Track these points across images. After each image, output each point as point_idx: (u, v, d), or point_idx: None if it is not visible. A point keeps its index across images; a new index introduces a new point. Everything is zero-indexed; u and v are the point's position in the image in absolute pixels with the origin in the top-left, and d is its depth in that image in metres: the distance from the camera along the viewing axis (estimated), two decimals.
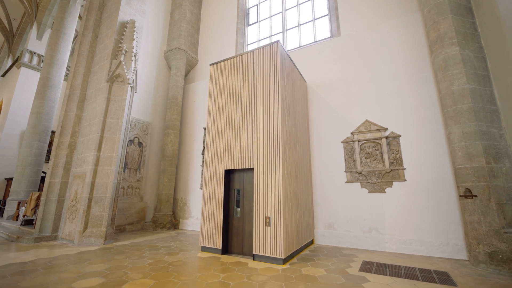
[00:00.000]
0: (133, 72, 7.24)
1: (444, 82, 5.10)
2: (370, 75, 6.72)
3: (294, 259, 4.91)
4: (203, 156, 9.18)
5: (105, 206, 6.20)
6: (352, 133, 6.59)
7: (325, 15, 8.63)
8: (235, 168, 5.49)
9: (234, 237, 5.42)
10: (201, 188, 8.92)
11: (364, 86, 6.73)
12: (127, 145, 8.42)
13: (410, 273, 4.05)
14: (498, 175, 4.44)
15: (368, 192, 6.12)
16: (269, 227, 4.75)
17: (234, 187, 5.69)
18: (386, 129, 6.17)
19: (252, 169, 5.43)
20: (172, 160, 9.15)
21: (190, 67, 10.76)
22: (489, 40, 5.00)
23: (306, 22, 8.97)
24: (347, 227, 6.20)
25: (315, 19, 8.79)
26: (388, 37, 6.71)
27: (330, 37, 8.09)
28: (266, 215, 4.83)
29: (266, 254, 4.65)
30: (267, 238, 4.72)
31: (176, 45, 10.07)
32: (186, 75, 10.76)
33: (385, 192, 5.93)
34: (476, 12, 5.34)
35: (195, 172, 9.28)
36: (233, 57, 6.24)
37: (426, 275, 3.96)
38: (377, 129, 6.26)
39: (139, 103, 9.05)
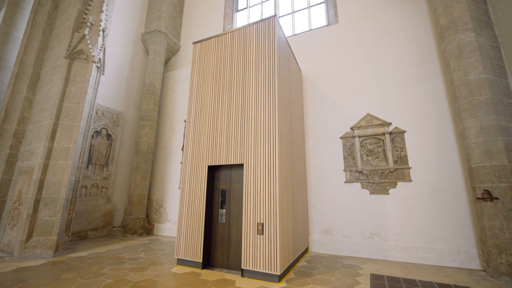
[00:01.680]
0: (100, 50, 6.08)
1: (459, 71, 4.58)
2: (372, 66, 6.13)
3: (291, 274, 4.11)
4: (183, 152, 8.13)
5: (58, 209, 5.01)
6: (352, 128, 5.95)
7: (321, 3, 8.00)
8: (221, 164, 4.59)
9: (217, 247, 4.51)
10: (179, 188, 7.87)
11: (366, 77, 6.12)
12: (92, 137, 7.18)
13: None
14: None
15: (370, 194, 5.49)
16: (262, 235, 3.91)
17: (219, 186, 4.79)
18: (390, 124, 5.59)
19: (241, 165, 4.57)
20: (147, 156, 8.01)
21: (171, 53, 9.67)
22: (505, 28, 4.56)
23: (300, 9, 8.28)
24: (346, 232, 5.53)
25: (310, 6, 8.14)
26: (391, 25, 6.17)
27: (326, 25, 7.46)
28: (259, 221, 3.98)
29: (258, 270, 3.80)
30: (260, 249, 3.87)
31: (155, 27, 8.95)
32: (166, 62, 9.64)
33: (389, 193, 5.33)
34: (489, 1, 4.90)
35: (174, 170, 8.21)
36: (221, 34, 5.34)
37: None
38: (380, 124, 5.67)
39: (109, 89, 7.83)
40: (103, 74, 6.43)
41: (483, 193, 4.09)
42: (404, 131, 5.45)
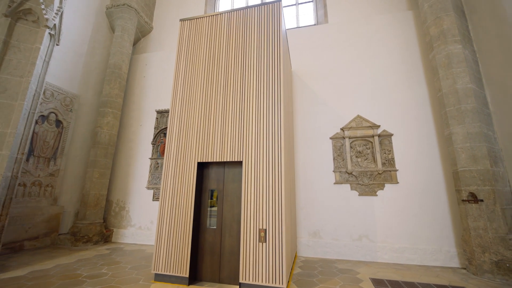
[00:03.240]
0: (56, 13, 4.84)
1: (447, 79, 4.83)
2: (362, 68, 6.18)
3: (292, 284, 3.73)
4: (154, 147, 7.14)
5: None
6: (342, 129, 5.89)
7: (309, 1, 7.90)
8: (214, 160, 3.97)
9: (206, 257, 3.87)
10: (148, 188, 6.85)
11: (356, 79, 6.15)
12: (37, 122, 5.74)
13: None
14: (498, 179, 4.29)
15: (359, 195, 5.47)
16: (264, 243, 3.44)
17: (209, 187, 4.15)
18: (379, 126, 5.68)
19: (239, 163, 4.02)
20: (108, 150, 6.79)
21: (142, 34, 8.47)
22: (483, 44, 4.97)
23: (288, 5, 8.05)
24: (335, 235, 5.40)
25: (299, 3, 7.97)
26: (380, 30, 6.33)
27: (315, 24, 7.36)
28: (261, 227, 3.50)
29: (260, 283, 3.32)
30: (261, 259, 3.39)
31: (125, 0, 7.70)
32: (135, 43, 8.41)
33: (377, 195, 5.37)
34: (469, 16, 5.31)
35: (141, 166, 7.13)
36: (216, 14, 4.71)
37: None
38: (369, 126, 5.72)
39: (63, 66, 6.40)
40: (57, 45, 5.16)
41: (468, 196, 4.34)
42: (392, 134, 5.59)
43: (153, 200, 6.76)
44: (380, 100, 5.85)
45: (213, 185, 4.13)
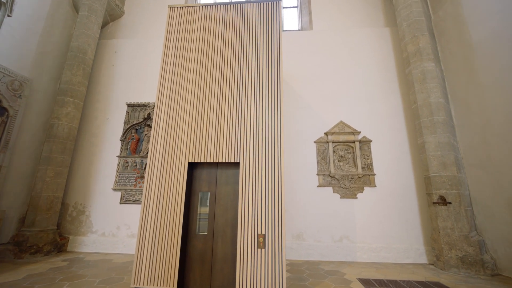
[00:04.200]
0: None
1: (422, 93, 5.31)
2: (345, 76, 6.47)
3: None
4: (123, 143, 6.40)
5: None
6: (326, 133, 6.05)
7: (294, 6, 8.02)
8: (208, 161, 3.67)
9: (196, 266, 3.54)
10: (115, 189, 6.09)
11: (339, 86, 6.40)
12: None
13: None
14: (462, 184, 4.85)
15: (340, 198, 5.67)
16: (263, 249, 3.27)
17: (200, 189, 3.82)
18: (359, 132, 5.99)
19: (234, 164, 3.79)
20: (67, 145, 5.85)
21: (111, 17, 7.57)
22: (450, 64, 5.61)
23: None
24: (318, 236, 5.49)
25: (284, 7, 8.02)
26: (361, 43, 6.71)
27: (299, 29, 7.50)
28: (260, 232, 3.33)
29: None
30: (260, 266, 3.22)
31: None
32: (103, 26, 7.47)
33: (357, 197, 5.63)
34: (438, 38, 5.96)
35: (107, 165, 6.31)
36: (210, 5, 4.41)
37: None
38: (351, 132, 5.98)
39: (11, 43, 5.30)
40: (9, 16, 4.25)
41: (438, 199, 4.80)
42: (371, 141, 5.93)
43: (121, 203, 6.03)
44: (361, 108, 6.18)
45: (204, 188, 3.82)
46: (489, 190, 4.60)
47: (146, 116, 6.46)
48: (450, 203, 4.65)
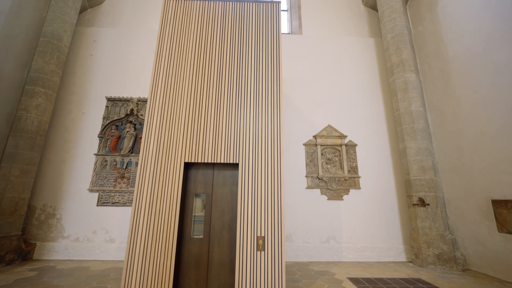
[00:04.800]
0: None
1: (404, 102, 5.68)
2: (333, 82, 6.68)
3: None
4: (102, 140, 5.92)
5: None
6: (314, 136, 6.19)
7: (283, 10, 8.11)
8: (206, 161, 3.53)
9: (190, 271, 3.37)
10: (91, 190, 5.61)
11: (328, 91, 6.60)
12: None
13: (401, 287, 3.83)
14: (438, 186, 5.26)
15: (328, 199, 5.83)
16: (262, 252, 3.22)
17: (195, 190, 3.66)
18: (346, 136, 6.22)
19: (231, 165, 3.69)
20: (36, 140, 5.26)
21: (89, 3, 6.99)
22: (428, 76, 6.08)
23: None
24: (306, 238, 5.58)
25: None
26: (348, 51, 7.00)
27: (288, 33, 7.62)
28: (259, 234, 3.28)
29: None
30: (259, 269, 3.16)
31: None
32: (81, 12, 6.86)
33: (343, 199, 5.84)
34: (417, 51, 6.43)
35: (82, 163, 5.79)
36: (207, 0, 4.27)
37: (412, 286, 3.87)
38: (338, 136, 6.20)
39: None
40: None
41: (418, 200, 5.16)
42: (356, 145, 6.20)
43: (98, 205, 5.56)
44: (347, 113, 6.43)
45: (199, 189, 3.66)
46: (461, 192, 5.05)
47: (128, 112, 6.05)
48: (428, 204, 5.01)
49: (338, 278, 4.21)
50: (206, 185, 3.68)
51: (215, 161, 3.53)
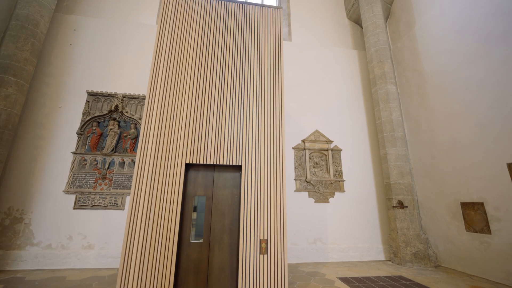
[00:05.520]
0: None
1: (385, 111, 6.13)
2: (320, 89, 6.97)
3: None
4: (81, 138, 5.47)
5: None
6: (303, 141, 6.38)
7: None
8: (208, 163, 3.46)
9: (189, 277, 3.26)
10: (68, 192, 5.13)
11: (316, 97, 6.86)
12: None
13: (385, 285, 4.11)
14: (414, 190, 5.75)
15: (315, 202, 6.03)
16: (265, 255, 3.24)
17: (195, 193, 3.56)
18: (332, 142, 6.51)
19: (232, 167, 3.65)
20: (3, 135, 4.69)
21: None
22: (405, 89, 6.65)
23: None
24: (294, 240, 5.70)
25: None
26: (334, 60, 7.37)
27: None
28: (262, 237, 3.29)
29: None
30: (262, 273, 3.18)
31: None
32: None
33: (329, 202, 6.09)
34: (395, 65, 7.00)
35: (57, 161, 5.28)
36: None
37: (395, 284, 4.18)
38: (325, 141, 6.46)
39: None
40: None
41: (397, 203, 5.58)
42: (341, 150, 6.52)
43: (74, 208, 5.10)
44: (333, 119, 6.75)
45: (199, 191, 3.56)
46: (433, 196, 5.58)
47: (113, 108, 5.67)
48: (406, 206, 5.46)
49: (329, 278, 4.38)
50: (207, 187, 3.60)
51: (218, 163, 3.48)
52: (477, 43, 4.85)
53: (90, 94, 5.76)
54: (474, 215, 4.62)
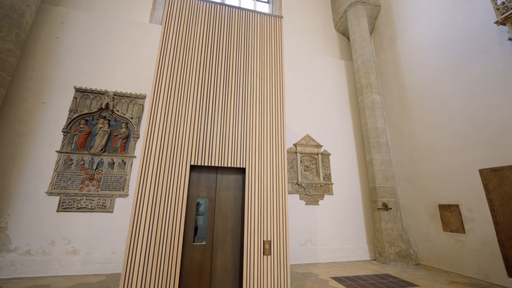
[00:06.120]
0: None
1: (371, 119, 6.55)
2: (311, 95, 7.25)
3: None
4: (67, 136, 5.18)
5: None
6: (294, 145, 6.58)
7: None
8: (213, 165, 3.48)
9: (193, 280, 3.22)
10: (51, 193, 4.81)
11: (307, 103, 7.12)
12: None
13: (375, 283, 4.37)
14: (396, 192, 6.17)
15: (305, 204, 6.23)
16: (268, 256, 3.32)
17: (198, 195, 3.54)
18: (322, 146, 6.79)
19: (235, 169, 3.70)
20: None
21: None
22: (387, 98, 7.16)
23: None
24: None
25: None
26: (323, 69, 7.72)
27: None
28: (265, 239, 3.36)
29: None
30: (266, 273, 3.24)
31: None
32: None
33: (319, 204, 6.32)
34: (379, 76, 7.51)
35: (39, 160, 4.94)
36: (215, 3, 4.27)
37: (383, 281, 4.46)
38: (315, 145, 6.72)
39: None
40: None
41: (382, 205, 5.95)
42: (330, 154, 6.82)
43: (58, 211, 4.79)
44: (323, 125, 7.05)
45: (202, 193, 3.56)
46: (413, 198, 6.03)
47: (103, 106, 5.44)
48: (390, 208, 5.84)
49: (323, 278, 4.54)
50: (209, 189, 3.60)
51: (222, 165, 3.51)
52: (451, 61, 5.40)
53: (78, 90, 5.48)
54: (451, 216, 5.09)
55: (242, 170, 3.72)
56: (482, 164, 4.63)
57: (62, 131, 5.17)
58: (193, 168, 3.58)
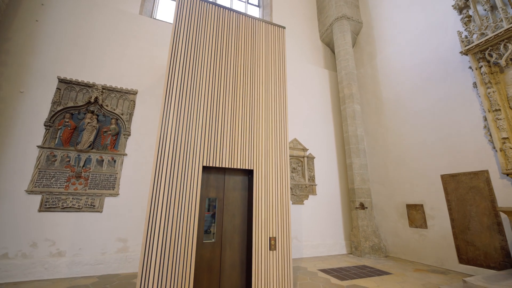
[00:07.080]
0: None
1: (352, 126, 7.22)
2: (298, 101, 7.69)
3: None
4: (51, 130, 4.80)
5: None
6: None
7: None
8: (223, 166, 3.62)
9: (204, 275, 3.35)
10: (32, 192, 4.43)
11: (295, 108, 7.53)
12: None
13: (356, 273, 4.93)
14: (371, 193, 6.93)
15: (292, 204, 6.63)
16: (274, 251, 3.59)
17: (207, 195, 3.66)
18: (307, 150, 7.27)
19: (240, 171, 3.89)
20: None
21: None
22: (366, 109, 7.93)
23: None
24: None
25: None
26: (311, 76, 8.23)
27: None
28: (271, 235, 3.63)
29: None
30: (272, 267, 3.51)
31: None
32: None
33: (304, 204, 6.78)
34: (359, 89, 8.26)
35: (16, 156, 4.50)
36: (223, 8, 4.37)
37: (363, 271, 5.06)
38: (302, 149, 7.18)
39: None
40: None
41: (359, 204, 6.63)
42: (314, 157, 7.34)
43: (40, 211, 4.44)
44: (309, 129, 7.53)
45: (211, 193, 3.68)
46: (384, 198, 6.84)
47: (92, 100, 5.13)
48: (366, 207, 6.55)
49: (312, 271, 4.97)
50: (218, 189, 3.74)
51: (232, 167, 3.67)
52: (422, 81, 6.25)
53: (62, 81, 5.08)
54: (416, 214, 5.92)
55: (248, 172, 3.93)
56: (443, 170, 5.50)
57: (44, 125, 4.77)
58: (203, 169, 3.68)
